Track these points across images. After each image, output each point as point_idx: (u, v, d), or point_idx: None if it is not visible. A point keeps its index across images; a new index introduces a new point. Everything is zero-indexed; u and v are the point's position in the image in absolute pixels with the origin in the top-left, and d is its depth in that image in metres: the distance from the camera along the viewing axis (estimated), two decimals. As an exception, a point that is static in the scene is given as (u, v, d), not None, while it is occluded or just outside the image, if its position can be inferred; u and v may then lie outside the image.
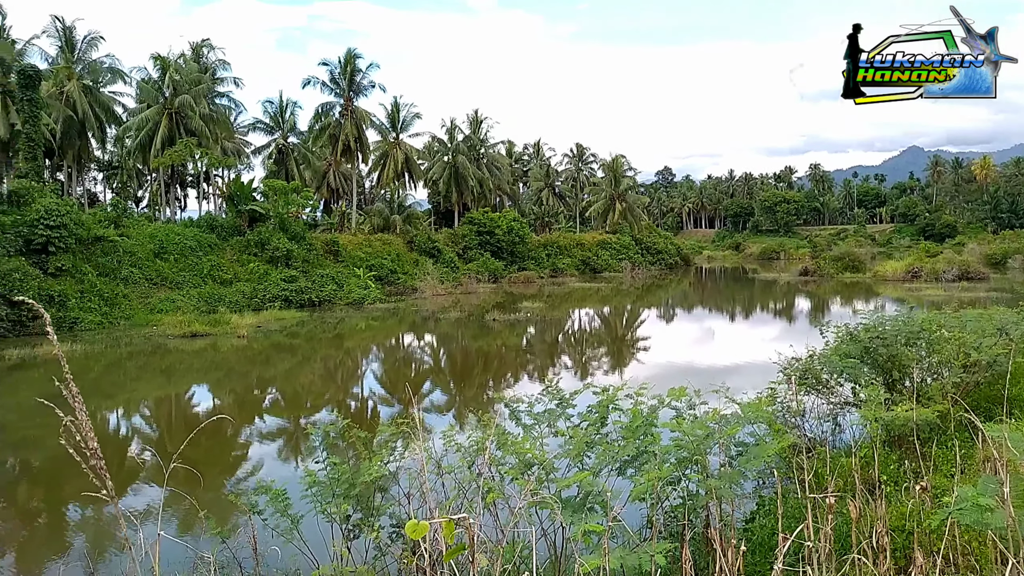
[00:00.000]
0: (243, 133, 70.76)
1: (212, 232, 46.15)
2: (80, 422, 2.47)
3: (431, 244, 59.66)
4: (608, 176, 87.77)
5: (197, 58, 59.83)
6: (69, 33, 52.89)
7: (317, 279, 44.98)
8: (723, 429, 5.39)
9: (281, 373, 25.22)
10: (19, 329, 31.03)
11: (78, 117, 51.09)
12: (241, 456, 15.21)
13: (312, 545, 6.26)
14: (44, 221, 34.67)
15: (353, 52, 60.02)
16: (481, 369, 25.77)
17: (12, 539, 10.78)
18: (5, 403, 20.34)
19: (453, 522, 2.10)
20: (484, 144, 78.86)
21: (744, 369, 21.15)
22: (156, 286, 39.33)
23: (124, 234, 40.47)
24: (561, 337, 34.13)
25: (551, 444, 5.92)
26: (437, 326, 36.77)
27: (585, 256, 74.52)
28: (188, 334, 31.43)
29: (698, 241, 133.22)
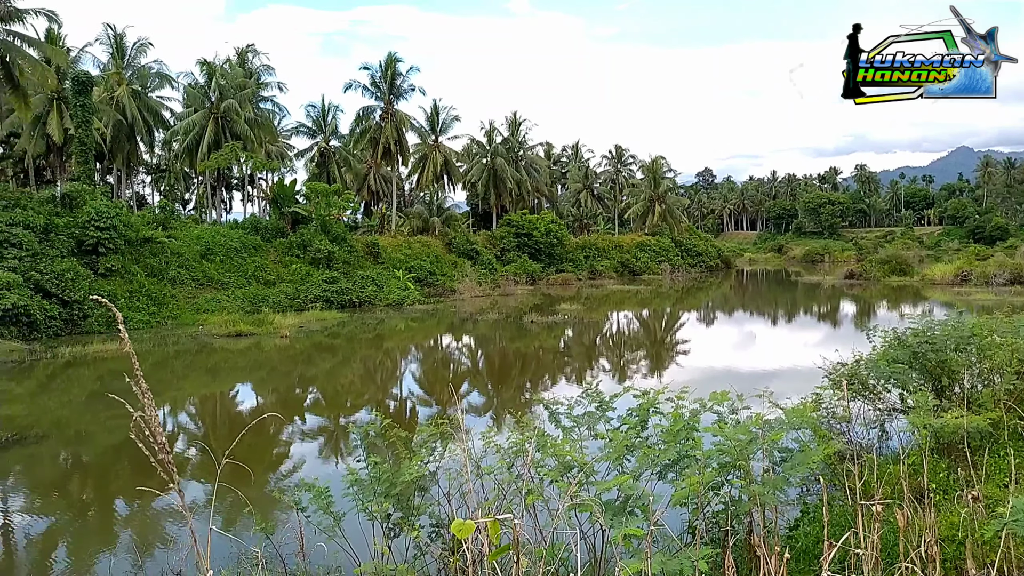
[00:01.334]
0: (286, 137, 72.00)
1: (256, 234, 47.04)
2: (148, 417, 2.54)
3: (469, 246, 59.91)
4: (647, 178, 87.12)
5: (242, 63, 61.12)
6: (120, 40, 54.47)
7: (358, 280, 45.50)
8: (766, 434, 5.31)
9: (322, 373, 25.56)
10: (71, 327, 32.02)
11: (128, 121, 52.55)
12: (283, 454, 15.46)
13: (353, 543, 6.34)
14: (95, 223, 35.72)
15: (394, 56, 60.65)
16: (519, 371, 25.78)
17: (65, 530, 11.11)
18: (59, 399, 20.99)
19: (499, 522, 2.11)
20: (522, 146, 78.96)
21: (787, 374, 20.80)
22: (202, 286, 40.22)
23: (172, 236, 41.50)
24: (599, 340, 33.97)
25: (591, 447, 5.90)
26: (475, 327, 36.90)
27: (624, 258, 74.06)
28: (233, 334, 32.08)
29: (739, 243, 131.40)
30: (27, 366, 25.12)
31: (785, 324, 40.22)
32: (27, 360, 25.91)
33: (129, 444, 16.79)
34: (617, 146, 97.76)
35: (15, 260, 31.29)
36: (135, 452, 15.90)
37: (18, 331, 29.09)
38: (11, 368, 24.70)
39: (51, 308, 31.15)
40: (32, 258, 32.15)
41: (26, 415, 18.17)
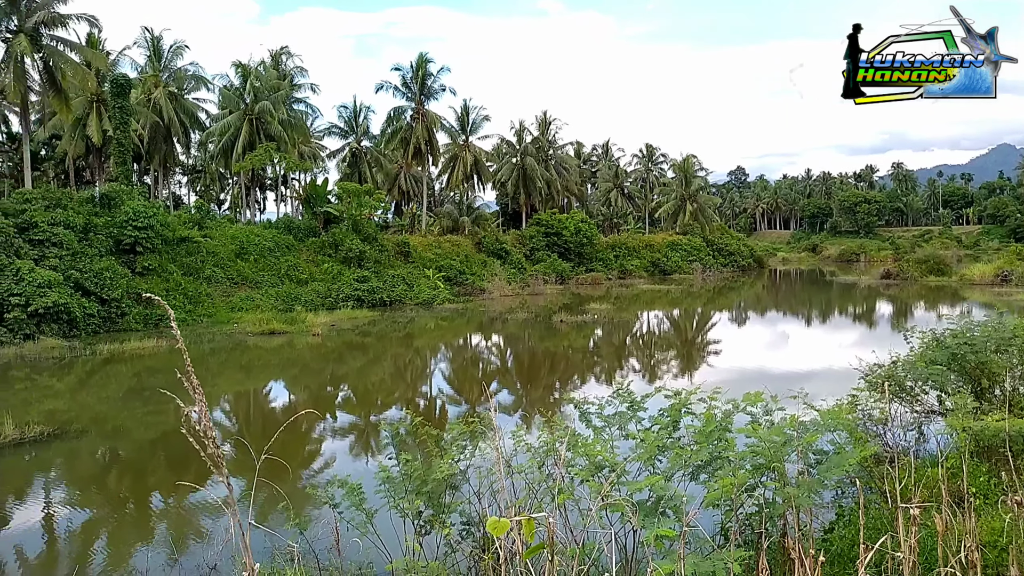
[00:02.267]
0: (319, 137, 72.77)
1: (289, 233, 47.63)
2: (200, 412, 2.58)
3: (499, 245, 59.99)
4: (678, 176, 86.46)
5: (276, 65, 61.92)
6: (157, 43, 55.51)
7: (388, 279, 45.83)
8: (801, 436, 5.23)
9: (353, 371, 25.79)
10: (109, 325, 32.73)
11: (164, 123, 53.54)
12: (315, 451, 15.62)
13: (385, 539, 6.39)
14: (133, 222, 36.46)
15: (425, 57, 60.95)
16: (548, 370, 25.75)
17: (103, 524, 11.35)
18: (98, 395, 21.47)
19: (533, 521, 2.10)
20: (552, 145, 78.84)
21: (821, 375, 20.50)
22: (237, 285, 40.83)
23: (207, 235, 42.21)
24: (629, 339, 33.79)
25: (621, 447, 5.87)
26: (504, 327, 36.94)
27: (654, 258, 73.53)
28: (266, 332, 32.52)
29: (772, 243, 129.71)
30: (67, 363, 25.72)
31: (819, 325, 39.63)
32: (67, 357, 26.54)
33: (165, 439, 17.12)
34: (648, 145, 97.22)
35: (56, 259, 32.06)
36: (171, 447, 16.23)
37: (59, 328, 29.81)
38: (52, 364, 25.32)
39: (90, 306, 31.87)
40: (72, 257, 32.92)
41: (66, 410, 18.60)
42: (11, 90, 38.78)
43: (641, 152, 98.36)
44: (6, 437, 14.64)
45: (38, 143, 55.96)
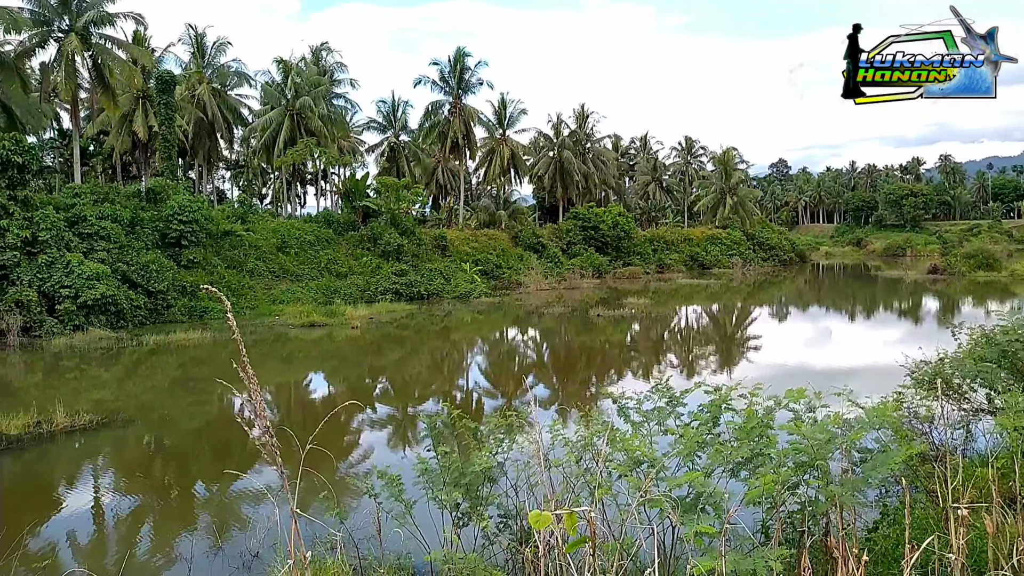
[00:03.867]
0: (358, 132, 73.49)
1: (329, 227, 48.23)
2: (255, 403, 2.63)
3: (535, 239, 59.93)
4: (718, 169, 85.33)
5: (316, 61, 62.63)
6: (200, 40, 56.57)
7: (426, 273, 46.15)
8: (846, 434, 5.12)
9: (391, 363, 26.04)
10: (155, 317, 33.54)
11: (208, 119, 54.55)
12: (354, 441, 15.81)
13: (423, 530, 6.44)
14: (178, 216, 37.27)
15: (462, 51, 61.11)
16: (584, 364, 25.67)
17: (149, 511, 11.65)
18: (144, 385, 22.02)
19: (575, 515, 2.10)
20: (590, 139, 78.43)
21: (865, 372, 20.08)
22: (278, 278, 41.51)
23: (250, 229, 42.98)
24: (667, 334, 33.50)
25: (660, 442, 5.83)
26: (541, 321, 36.92)
27: (693, 252, 72.72)
28: (307, 324, 33.01)
29: (815, 237, 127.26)
30: (114, 353, 26.43)
31: (863, 320, 38.82)
32: (115, 347, 27.27)
33: (208, 428, 17.50)
34: (687, 137, 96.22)
35: (104, 252, 32.93)
36: (214, 436, 16.55)
37: (106, 320, 30.64)
38: (100, 355, 26.04)
39: (137, 298, 32.69)
40: (119, 250, 33.78)
41: (113, 400, 19.12)
42: (63, 88, 39.90)
43: (680, 145, 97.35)
44: (57, 425, 15.10)
45: (87, 139, 57.48)
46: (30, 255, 30.10)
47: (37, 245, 30.30)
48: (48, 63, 40.95)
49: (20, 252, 29.70)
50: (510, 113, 67.56)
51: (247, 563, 8.87)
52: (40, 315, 29.16)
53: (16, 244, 29.51)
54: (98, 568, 8.92)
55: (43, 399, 17.36)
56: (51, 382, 21.77)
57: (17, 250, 29.57)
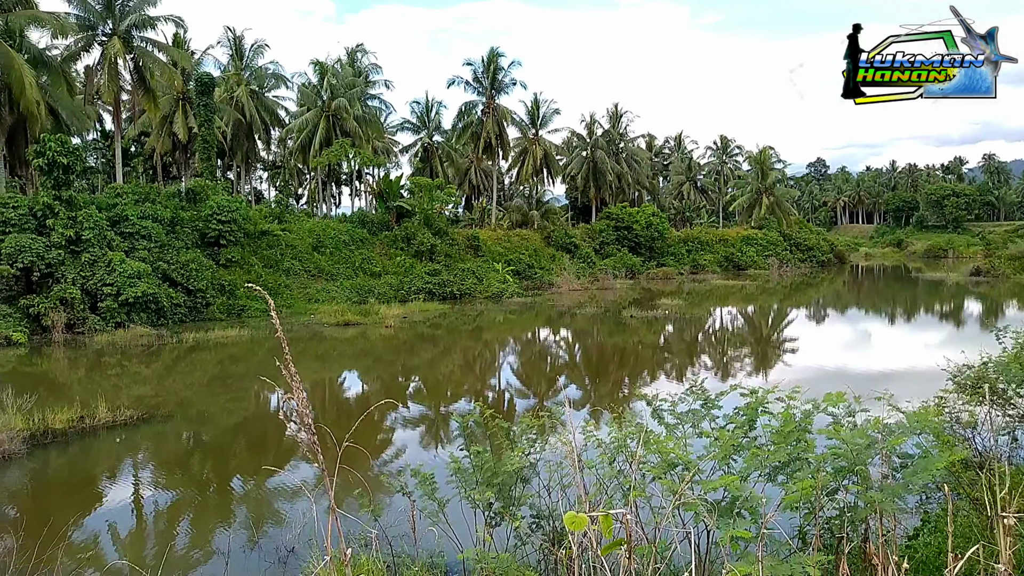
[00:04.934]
0: (392, 133, 74.05)
1: (363, 227, 48.70)
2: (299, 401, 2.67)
3: (568, 239, 59.79)
4: (754, 169, 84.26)
5: (352, 62, 63.28)
6: (239, 42, 57.51)
7: (458, 273, 46.33)
8: (886, 439, 5.02)
9: (424, 362, 26.19)
10: (194, 315, 34.18)
11: (246, 120, 55.43)
12: (387, 439, 15.93)
13: (456, 529, 6.46)
14: (217, 216, 37.94)
15: (496, 51, 61.22)
16: (617, 366, 25.54)
17: (187, 505, 11.88)
18: (183, 381, 22.45)
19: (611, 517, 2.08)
20: (623, 138, 78.04)
21: (905, 376, 19.67)
22: (314, 277, 42.03)
23: (286, 229, 43.58)
24: (701, 336, 33.18)
25: (695, 445, 5.77)
26: (573, 321, 36.82)
27: (728, 252, 71.87)
28: (341, 323, 33.37)
29: (854, 237, 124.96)
30: (155, 350, 26.99)
31: (904, 323, 38.02)
32: (155, 344, 27.85)
33: (245, 424, 17.77)
34: (722, 136, 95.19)
35: (145, 251, 33.65)
36: (251, 432, 16.78)
37: (147, 317, 31.30)
38: (141, 351, 26.61)
39: (177, 296, 33.35)
40: (160, 249, 34.49)
41: (154, 396, 19.53)
42: (105, 90, 40.88)
43: (715, 144, 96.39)
44: (100, 420, 15.47)
45: (129, 140, 58.81)
46: (74, 254, 30.88)
47: (81, 244, 31.07)
48: (92, 66, 42.00)
49: (64, 251, 30.49)
50: (543, 113, 67.52)
51: (283, 558, 8.99)
52: (83, 312, 29.90)
53: (61, 243, 30.29)
54: (138, 560, 9.11)
55: (86, 394, 17.80)
56: (94, 378, 22.31)
57: (62, 249, 30.36)
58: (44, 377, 22.71)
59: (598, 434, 6.26)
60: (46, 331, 29.06)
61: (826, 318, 40.47)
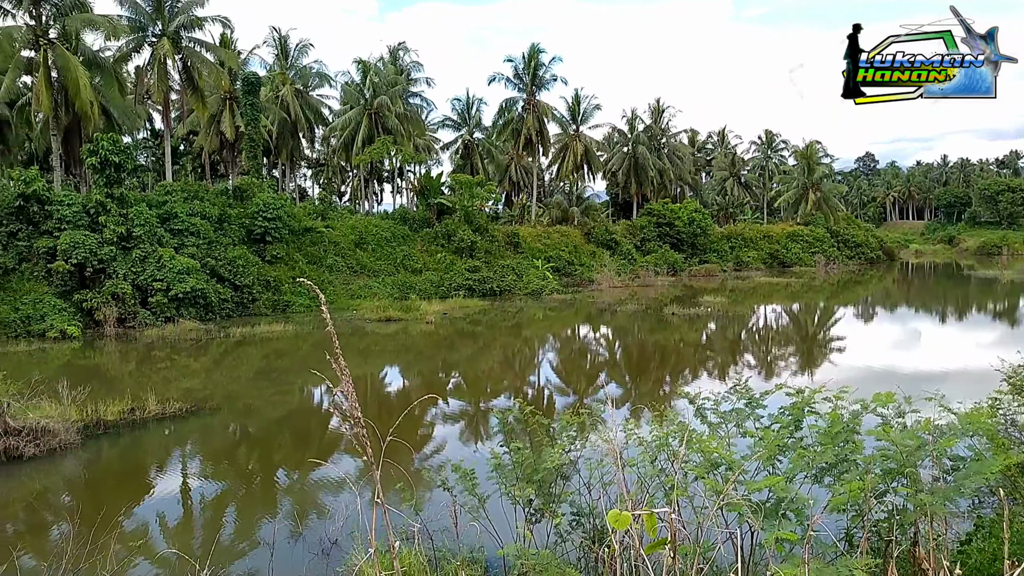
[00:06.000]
0: (433, 130, 74.47)
1: (405, 224, 49.11)
2: (347, 393, 2.71)
3: (608, 236, 59.44)
4: (800, 164, 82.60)
5: (394, 60, 63.79)
6: (284, 42, 58.42)
7: (498, 269, 46.43)
8: (937, 441, 4.89)
9: (464, 358, 26.32)
10: (241, 310, 34.89)
11: (291, 119, 56.28)
12: (427, 434, 16.05)
13: (496, 524, 6.48)
14: (263, 214, 38.65)
15: (536, 47, 61.11)
16: (658, 363, 25.32)
17: (233, 496, 12.14)
18: (230, 375, 22.94)
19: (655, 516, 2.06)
20: (665, 133, 77.22)
21: (957, 376, 19.12)
22: (356, 274, 42.55)
23: (329, 226, 44.20)
24: (744, 334, 32.70)
25: (739, 445, 5.69)
26: (613, 318, 36.61)
27: (773, 249, 70.64)
28: (383, 318, 33.73)
29: (904, 234, 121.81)
30: (203, 344, 27.63)
31: (955, 322, 36.94)
32: (203, 339, 28.51)
33: (290, 418, 18.08)
34: (767, 131, 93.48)
35: (194, 247, 34.45)
36: (295, 426, 17.06)
37: (196, 312, 32.06)
38: (189, 346, 27.26)
39: (224, 292, 34.08)
40: (208, 246, 35.27)
41: (202, 388, 19.99)
42: (155, 90, 41.94)
43: (760, 139, 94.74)
44: (150, 412, 15.90)
45: (177, 139, 60.21)
46: (125, 250, 31.77)
47: (132, 240, 31.95)
48: (142, 67, 43.12)
49: (116, 247, 31.37)
50: (583, 109, 67.16)
51: (326, 550, 9.13)
52: (134, 307, 30.75)
53: (113, 239, 31.18)
54: (186, 550, 9.34)
55: (137, 387, 18.31)
56: (144, 371, 22.93)
57: (114, 245, 31.25)
58: (97, 370, 23.43)
59: (639, 432, 6.21)
60: (99, 325, 29.96)
61: (874, 316, 39.53)
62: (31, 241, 30.97)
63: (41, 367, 22.21)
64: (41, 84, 35.81)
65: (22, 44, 35.69)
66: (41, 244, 30.70)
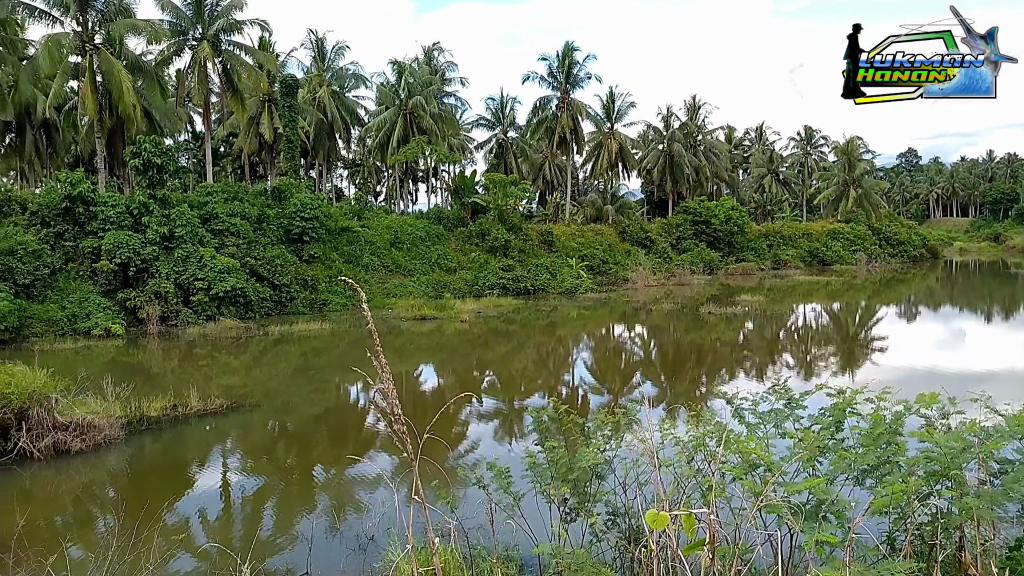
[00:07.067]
0: (467, 129, 74.74)
1: (439, 223, 49.38)
2: (387, 390, 2.74)
3: (643, 234, 59.04)
4: (841, 160, 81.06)
5: (429, 61, 64.20)
6: (321, 44, 59.13)
7: (532, 268, 46.42)
8: (983, 443, 4.76)
9: (498, 357, 26.37)
10: (279, 308, 35.42)
11: (328, 120, 56.97)
12: (461, 432, 16.12)
13: (530, 523, 6.48)
14: (300, 214, 39.19)
15: (571, 45, 60.90)
16: (694, 363, 25.07)
17: (272, 491, 12.33)
18: (269, 372, 23.31)
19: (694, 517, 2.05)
20: (701, 130, 76.41)
21: (1004, 377, 18.62)
22: (391, 273, 42.92)
23: (365, 225, 44.65)
24: (783, 333, 32.21)
25: (778, 446, 5.61)
26: (648, 317, 36.35)
27: (812, 247, 69.43)
28: (418, 317, 33.96)
29: (948, 231, 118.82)
30: (243, 342, 28.11)
31: (1002, 322, 35.93)
32: (243, 337, 29.01)
33: (327, 415, 18.30)
34: (806, 127, 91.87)
35: (234, 247, 35.07)
36: (332, 422, 17.25)
37: (235, 310, 32.64)
38: (230, 343, 27.76)
39: (263, 290, 34.64)
40: (248, 245, 35.88)
41: (242, 386, 20.34)
42: (196, 93, 42.76)
43: (799, 135, 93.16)
44: (191, 408, 16.23)
45: (218, 141, 61.32)
46: (167, 250, 32.46)
47: (174, 240, 32.64)
48: (183, 70, 43.97)
49: (159, 247, 32.08)
50: (618, 106, 66.76)
51: (363, 545, 9.22)
52: (176, 305, 31.41)
53: (155, 239, 31.89)
54: (227, 543, 9.52)
55: (179, 384, 18.70)
56: (186, 368, 23.41)
57: (156, 245, 31.96)
58: (140, 367, 23.98)
59: (675, 432, 6.16)
60: (142, 323, 30.68)
61: (918, 316, 38.65)
62: (77, 241, 31.83)
63: (87, 364, 22.81)
64: (87, 88, 36.78)
65: (69, 50, 36.68)
66: (86, 244, 31.54)
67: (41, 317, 28.44)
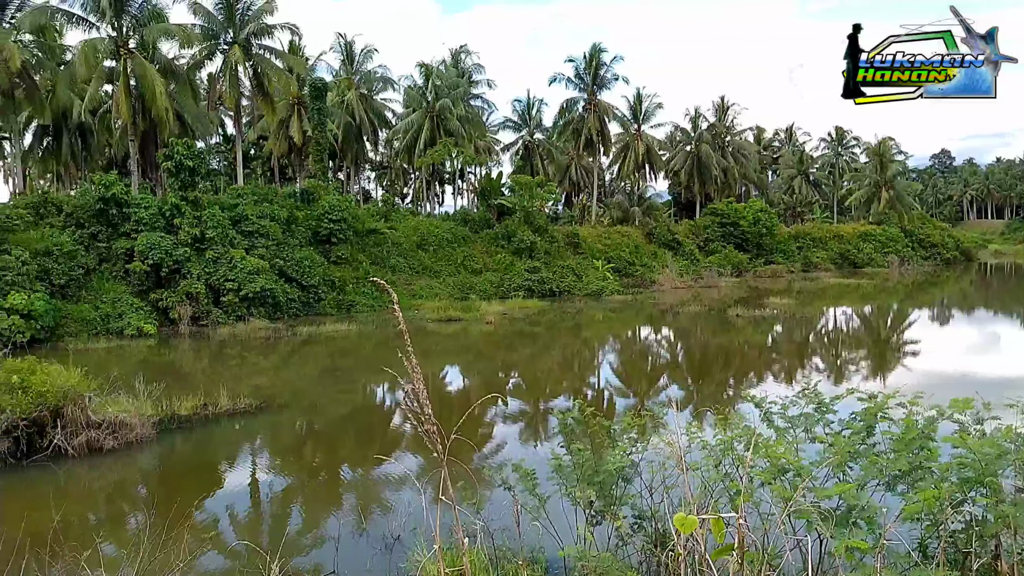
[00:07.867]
0: (493, 131, 74.88)
1: (465, 225, 49.53)
2: (417, 391, 2.76)
3: (670, 236, 58.66)
4: (873, 161, 79.85)
5: (456, 63, 64.47)
6: (349, 48, 59.68)
7: (558, 270, 46.35)
8: (1020, 449, 4.66)
9: (523, 358, 26.36)
10: (307, 309, 35.77)
11: (356, 123, 57.46)
12: (487, 434, 16.13)
13: (556, 526, 6.47)
14: (328, 216, 39.56)
15: (597, 47, 60.79)
16: (721, 366, 24.84)
17: (299, 491, 12.45)
18: (297, 372, 23.54)
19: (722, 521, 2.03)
20: (730, 131, 75.81)
21: (1041, 382, 18.14)
22: (418, 274, 43.13)
23: (392, 227, 44.94)
24: (812, 337, 31.79)
25: (807, 451, 5.54)
26: (675, 320, 36.10)
27: (843, 249, 68.42)
28: (444, 318, 34.09)
29: (982, 233, 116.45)
30: (271, 342, 28.43)
31: (1039, 326, 35.11)
32: (272, 337, 29.33)
33: (354, 415, 18.42)
34: (838, 127, 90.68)
35: (263, 248, 35.49)
36: (359, 423, 17.35)
37: (265, 311, 33.03)
38: (259, 344, 28.09)
39: (292, 291, 35.01)
40: (277, 247, 36.29)
41: (270, 386, 20.57)
42: (227, 96, 43.37)
43: (830, 136, 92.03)
44: (221, 408, 16.43)
45: (248, 144, 62.14)
46: (199, 251, 32.95)
47: (205, 242, 33.12)
48: (214, 74, 44.66)
49: (191, 248, 32.58)
50: (645, 108, 66.46)
51: (389, 545, 9.27)
52: (207, 306, 31.87)
53: (187, 241, 32.39)
54: (255, 542, 9.62)
55: (209, 383, 18.94)
56: (216, 368, 23.73)
57: (188, 246, 32.45)
58: (171, 366, 24.36)
59: (703, 435, 6.11)
60: (173, 323, 31.17)
61: (951, 319, 37.92)
62: (110, 242, 32.44)
63: (119, 363, 23.22)
64: (121, 92, 37.49)
65: (104, 55, 37.43)
66: (120, 245, 32.14)
67: (75, 317, 29.02)
